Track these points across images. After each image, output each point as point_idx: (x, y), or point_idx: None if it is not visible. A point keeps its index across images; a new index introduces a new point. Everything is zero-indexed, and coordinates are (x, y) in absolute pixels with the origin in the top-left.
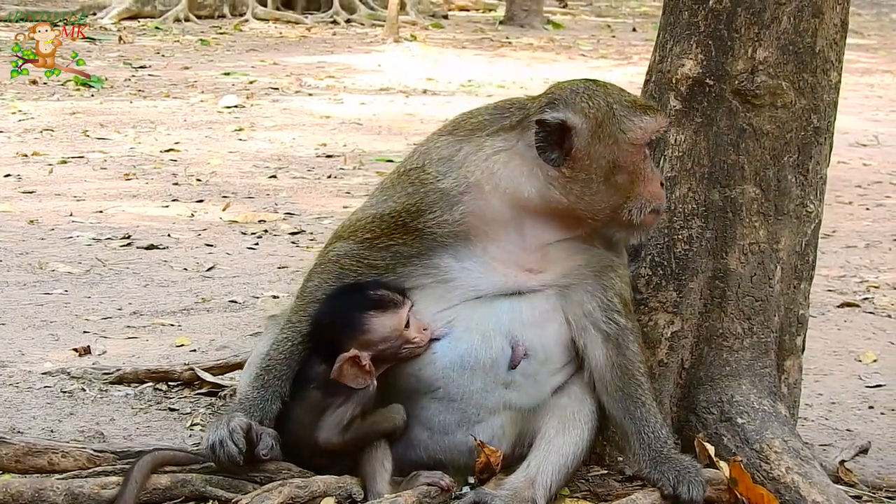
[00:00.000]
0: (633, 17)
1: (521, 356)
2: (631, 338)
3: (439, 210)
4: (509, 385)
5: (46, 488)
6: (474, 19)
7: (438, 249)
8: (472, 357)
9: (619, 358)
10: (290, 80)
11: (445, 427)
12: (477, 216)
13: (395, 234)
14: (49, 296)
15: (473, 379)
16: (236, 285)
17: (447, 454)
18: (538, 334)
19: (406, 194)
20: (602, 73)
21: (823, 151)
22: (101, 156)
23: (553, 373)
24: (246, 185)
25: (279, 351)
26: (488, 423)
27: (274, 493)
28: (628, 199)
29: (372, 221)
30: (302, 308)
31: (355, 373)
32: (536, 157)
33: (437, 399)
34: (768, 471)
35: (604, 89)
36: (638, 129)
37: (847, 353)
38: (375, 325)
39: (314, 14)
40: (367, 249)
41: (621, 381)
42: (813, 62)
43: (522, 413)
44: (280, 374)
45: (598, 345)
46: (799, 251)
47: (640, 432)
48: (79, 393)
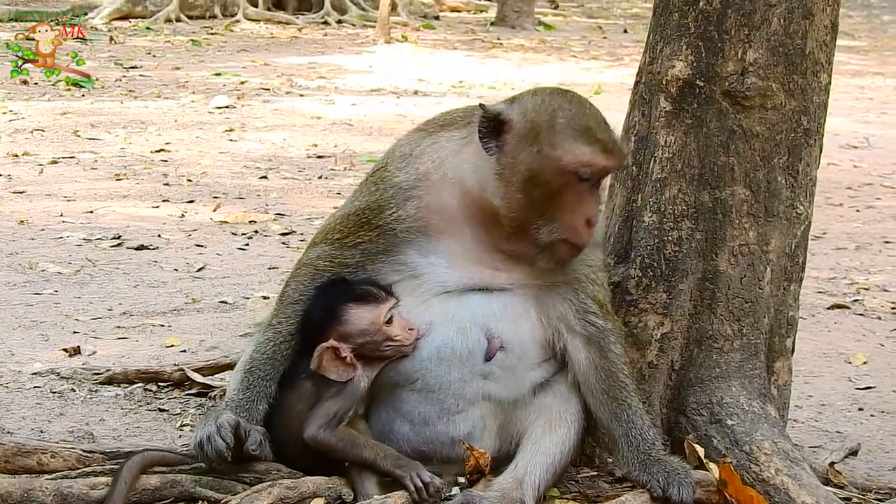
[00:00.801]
0: (624, 18)
1: (496, 348)
2: (612, 339)
3: (395, 205)
4: (487, 376)
5: (35, 489)
6: (465, 20)
7: (403, 246)
8: (448, 348)
9: (602, 360)
10: (281, 81)
11: (426, 419)
12: (431, 210)
13: (361, 232)
14: (39, 296)
15: (450, 369)
16: (226, 286)
17: (430, 446)
18: (513, 329)
19: (369, 192)
20: (593, 74)
21: (813, 153)
22: (92, 156)
23: (531, 367)
24: (236, 186)
25: (261, 353)
26: (468, 413)
27: (263, 493)
28: (542, 219)
29: (341, 221)
30: (282, 311)
31: (336, 364)
32: (482, 150)
33: (417, 391)
34: (758, 472)
35: (567, 103)
36: (568, 153)
37: (837, 355)
38: (353, 317)
39: (305, 15)
40: (338, 249)
41: (605, 383)
42: (803, 64)
43: (502, 406)
44: (264, 374)
45: (579, 348)
46: (789, 253)
47: (628, 435)
48: (68, 393)
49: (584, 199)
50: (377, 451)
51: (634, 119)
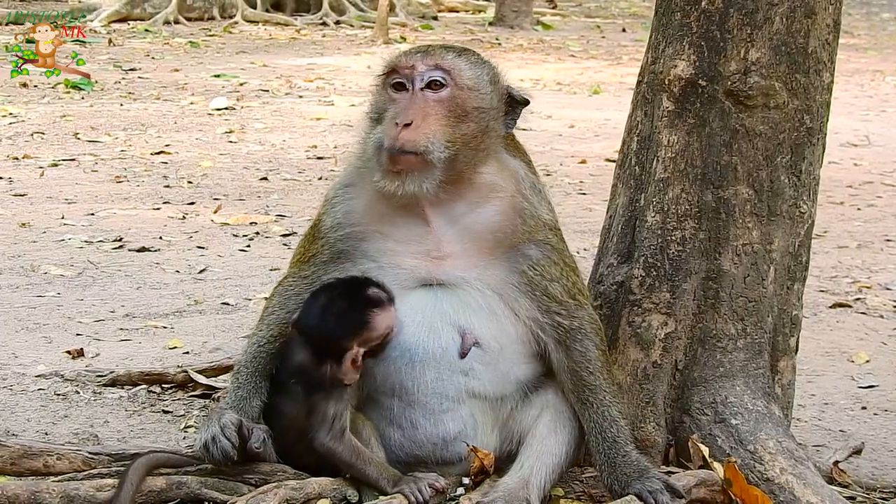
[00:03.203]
0: (622, 17)
1: (470, 344)
2: (578, 337)
3: (328, 215)
4: (468, 373)
5: (42, 491)
6: (464, 20)
7: (351, 253)
8: (420, 348)
9: (568, 360)
10: (281, 82)
11: (413, 422)
12: (356, 213)
13: (313, 246)
14: (41, 298)
15: (425, 370)
16: (228, 287)
17: (423, 449)
18: (486, 325)
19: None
20: (592, 73)
21: (816, 152)
22: (92, 158)
23: (515, 363)
24: (237, 188)
25: (247, 355)
26: (456, 412)
27: (269, 494)
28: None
29: (303, 238)
30: (262, 321)
31: (353, 369)
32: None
33: (397, 396)
34: (762, 472)
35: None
36: (381, 62)
37: (839, 354)
38: (378, 322)
39: (304, 16)
40: (300, 264)
41: (571, 382)
42: (805, 63)
43: (491, 403)
44: (252, 370)
45: (553, 348)
46: (792, 252)
47: (595, 434)
48: (72, 395)
49: (396, 105)
50: (381, 470)
51: (637, 119)
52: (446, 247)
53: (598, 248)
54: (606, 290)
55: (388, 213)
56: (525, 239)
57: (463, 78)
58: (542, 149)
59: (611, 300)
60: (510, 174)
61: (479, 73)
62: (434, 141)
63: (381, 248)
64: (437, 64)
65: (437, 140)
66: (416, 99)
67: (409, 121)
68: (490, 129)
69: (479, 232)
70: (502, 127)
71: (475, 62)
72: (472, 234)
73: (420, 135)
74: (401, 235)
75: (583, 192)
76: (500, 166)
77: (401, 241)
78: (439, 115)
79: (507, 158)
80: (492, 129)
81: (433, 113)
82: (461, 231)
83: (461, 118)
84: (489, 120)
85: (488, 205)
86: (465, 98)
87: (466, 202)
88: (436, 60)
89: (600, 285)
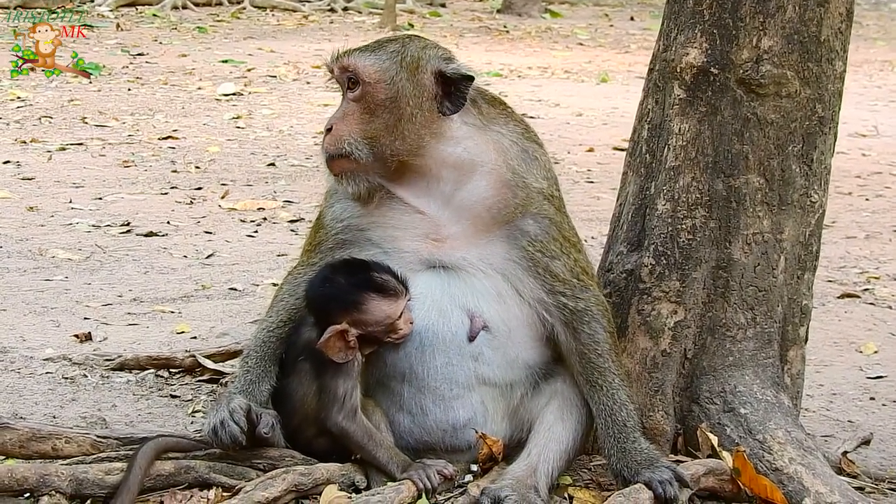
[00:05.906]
0: (630, 6)
1: (479, 327)
2: (585, 319)
3: (328, 209)
4: (478, 358)
5: (51, 474)
6: (472, 8)
7: (355, 242)
8: (430, 332)
9: (576, 343)
10: (289, 68)
11: (423, 408)
12: (353, 206)
13: (318, 235)
14: (49, 282)
15: (435, 354)
16: (236, 272)
17: (432, 436)
18: (494, 308)
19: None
20: (600, 61)
21: (828, 141)
22: (100, 143)
23: (523, 347)
24: (245, 173)
25: (256, 339)
26: (466, 399)
27: (277, 479)
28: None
29: (311, 228)
30: (272, 307)
31: (340, 346)
32: None
33: (407, 381)
34: (771, 461)
35: None
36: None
37: (848, 344)
38: (373, 307)
39: (312, 2)
40: (309, 253)
41: (580, 365)
42: (818, 51)
43: (502, 390)
44: (261, 355)
45: (560, 331)
46: (803, 241)
47: (604, 419)
48: (80, 379)
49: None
50: (391, 454)
51: (648, 107)
52: (444, 229)
53: (608, 236)
54: (616, 278)
55: (382, 203)
56: (520, 212)
57: (369, 73)
58: (550, 137)
59: (620, 288)
60: (492, 147)
61: (386, 65)
62: (352, 140)
63: (382, 234)
64: (344, 66)
65: (355, 138)
66: (342, 102)
67: (330, 126)
68: (414, 114)
69: (473, 210)
70: (441, 108)
71: (382, 55)
72: (467, 213)
73: (338, 137)
74: (399, 222)
75: (590, 181)
76: (476, 141)
77: (399, 227)
78: (356, 113)
79: (485, 131)
80: (416, 114)
81: (350, 113)
82: (456, 211)
83: (374, 112)
84: (410, 107)
85: (473, 180)
86: (374, 92)
87: (450, 182)
88: (342, 63)
89: (610, 273)
